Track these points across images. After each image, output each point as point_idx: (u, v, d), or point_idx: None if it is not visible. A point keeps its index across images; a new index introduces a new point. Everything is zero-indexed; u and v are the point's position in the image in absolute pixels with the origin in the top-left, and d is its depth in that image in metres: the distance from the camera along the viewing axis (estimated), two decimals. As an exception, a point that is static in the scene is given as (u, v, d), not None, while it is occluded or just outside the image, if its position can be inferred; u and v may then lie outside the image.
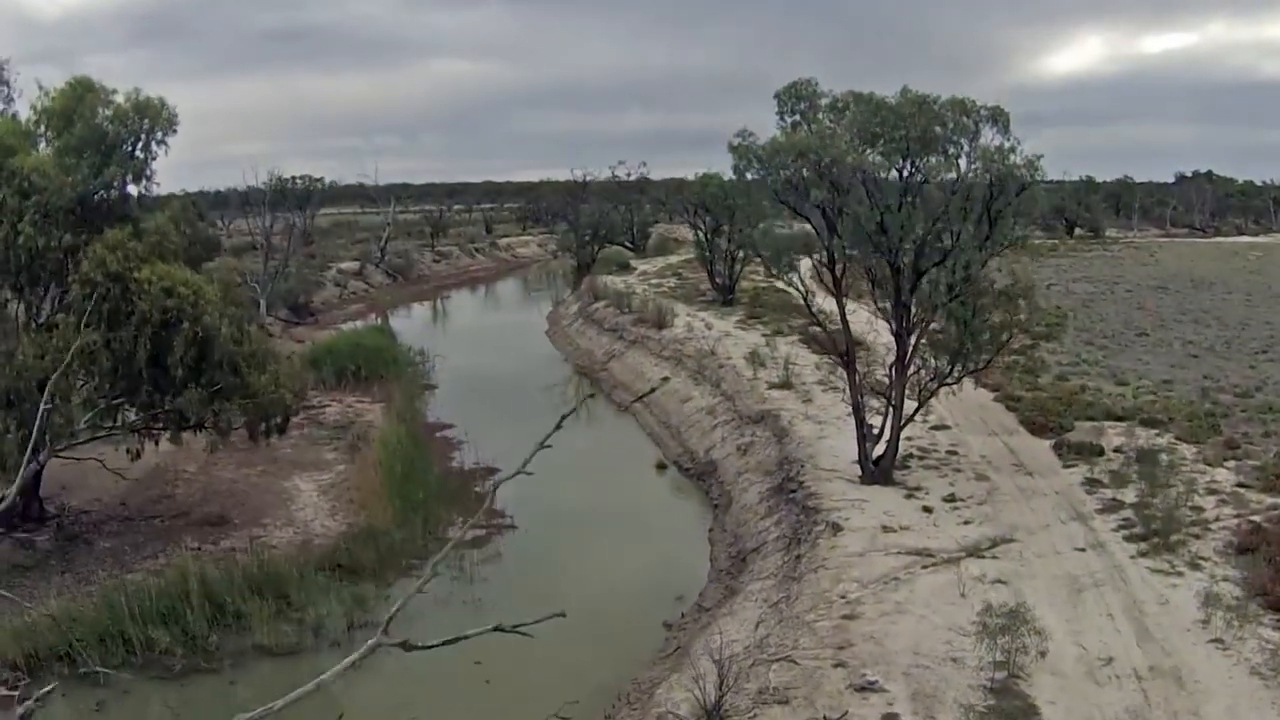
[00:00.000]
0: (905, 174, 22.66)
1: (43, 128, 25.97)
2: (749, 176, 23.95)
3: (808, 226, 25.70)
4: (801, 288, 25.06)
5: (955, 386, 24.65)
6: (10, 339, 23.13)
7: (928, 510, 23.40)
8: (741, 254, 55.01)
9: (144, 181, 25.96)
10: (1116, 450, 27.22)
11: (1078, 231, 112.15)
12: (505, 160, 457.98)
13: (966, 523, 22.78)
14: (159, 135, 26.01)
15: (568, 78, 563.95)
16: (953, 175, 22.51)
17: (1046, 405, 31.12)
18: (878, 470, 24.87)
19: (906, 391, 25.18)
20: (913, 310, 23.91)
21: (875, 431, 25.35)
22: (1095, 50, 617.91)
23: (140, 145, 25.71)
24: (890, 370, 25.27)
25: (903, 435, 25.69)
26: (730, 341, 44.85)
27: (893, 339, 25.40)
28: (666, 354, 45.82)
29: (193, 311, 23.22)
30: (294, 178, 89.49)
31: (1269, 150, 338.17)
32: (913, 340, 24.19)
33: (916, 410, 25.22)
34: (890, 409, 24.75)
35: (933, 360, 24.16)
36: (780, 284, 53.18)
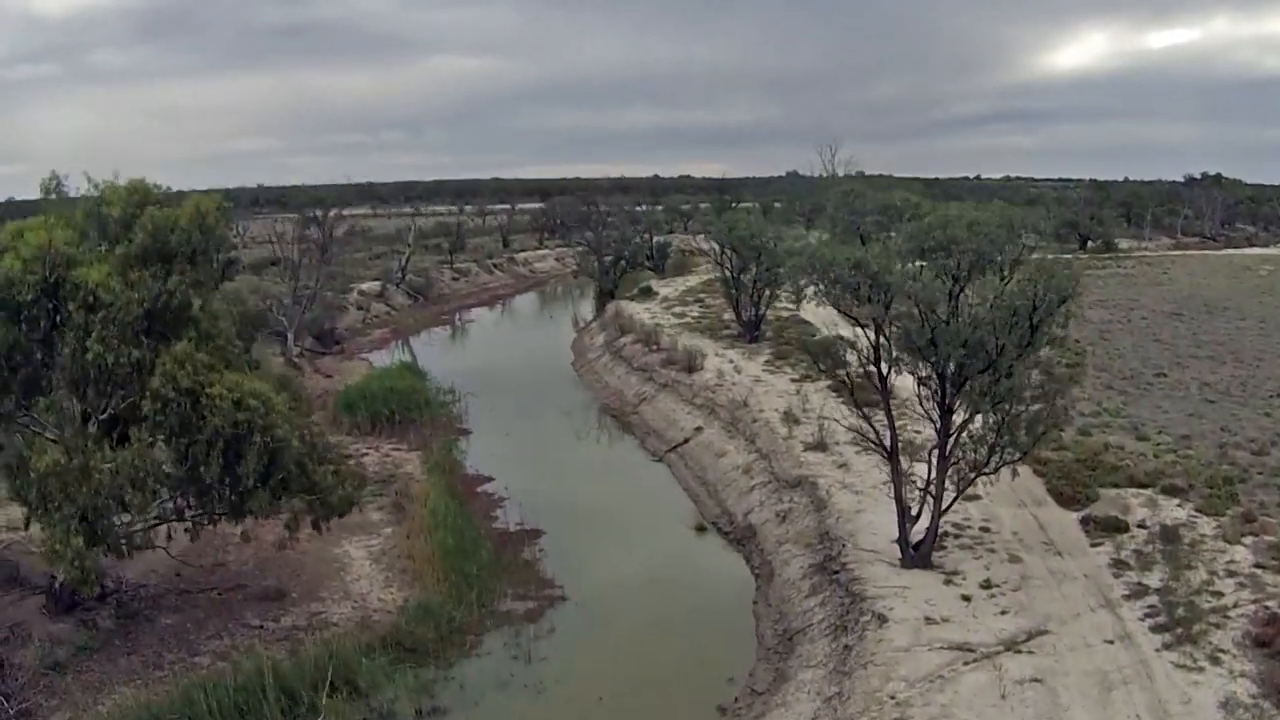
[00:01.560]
0: (955, 295, 23.76)
1: (92, 223, 25.60)
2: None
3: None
4: (849, 383, 26.26)
5: (993, 477, 25.73)
6: (80, 453, 23.02)
7: (966, 599, 24.48)
8: (768, 292, 55.90)
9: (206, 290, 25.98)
10: (1140, 525, 28.31)
11: (1090, 245, 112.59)
12: (510, 155, 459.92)
13: (1003, 612, 23.85)
14: (218, 236, 26.15)
15: (571, 73, 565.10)
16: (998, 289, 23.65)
17: (1072, 471, 32.17)
18: (917, 555, 25.98)
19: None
20: (955, 412, 25.02)
21: (914, 513, 26.43)
22: (1099, 46, 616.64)
23: (201, 252, 25.38)
24: (930, 456, 26.31)
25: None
26: (762, 389, 45.56)
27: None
28: (698, 401, 46.32)
29: (263, 423, 23.56)
30: (317, 205, 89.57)
31: (1274, 149, 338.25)
32: (953, 439, 25.26)
33: (955, 499, 26.33)
34: (929, 499, 25.83)
35: (972, 453, 25.22)
36: (805, 316, 54.67)
